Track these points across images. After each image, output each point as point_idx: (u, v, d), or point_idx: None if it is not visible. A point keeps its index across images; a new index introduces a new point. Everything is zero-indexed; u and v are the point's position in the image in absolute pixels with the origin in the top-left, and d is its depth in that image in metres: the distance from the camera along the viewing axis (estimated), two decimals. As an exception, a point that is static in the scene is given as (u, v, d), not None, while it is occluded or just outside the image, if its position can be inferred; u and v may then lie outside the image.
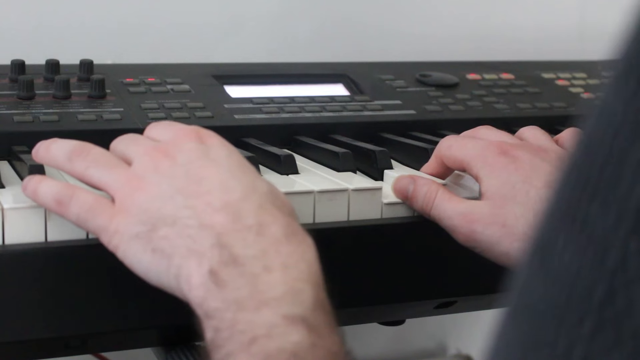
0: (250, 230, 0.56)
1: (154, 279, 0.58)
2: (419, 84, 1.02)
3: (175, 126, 0.65)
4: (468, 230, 0.69)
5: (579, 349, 0.29)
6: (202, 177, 0.59)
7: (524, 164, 0.70)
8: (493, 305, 0.90)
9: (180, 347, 0.73)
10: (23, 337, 0.65)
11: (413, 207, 0.74)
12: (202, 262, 0.55)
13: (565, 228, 0.30)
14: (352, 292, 0.73)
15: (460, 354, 1.50)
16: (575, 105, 1.04)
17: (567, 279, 0.30)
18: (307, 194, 0.71)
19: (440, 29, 1.33)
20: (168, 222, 0.57)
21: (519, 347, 0.31)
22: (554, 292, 0.30)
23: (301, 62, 1.06)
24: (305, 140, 0.88)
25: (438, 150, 0.76)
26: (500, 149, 0.71)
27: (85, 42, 1.14)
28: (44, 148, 0.66)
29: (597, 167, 0.30)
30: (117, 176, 0.61)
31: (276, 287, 0.54)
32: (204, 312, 0.54)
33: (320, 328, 0.53)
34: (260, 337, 0.52)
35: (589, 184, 0.30)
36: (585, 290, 0.29)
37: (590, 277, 0.29)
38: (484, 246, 0.69)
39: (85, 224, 0.61)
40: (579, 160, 0.31)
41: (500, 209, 0.68)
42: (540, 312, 0.31)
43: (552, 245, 0.31)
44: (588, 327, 0.29)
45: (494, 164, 0.70)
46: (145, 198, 0.59)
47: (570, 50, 1.27)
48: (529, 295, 0.31)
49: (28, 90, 0.85)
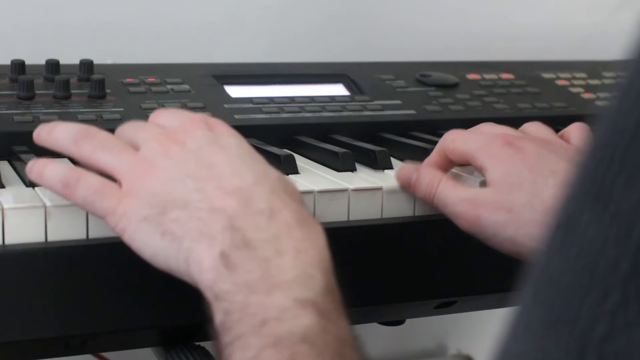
0: (262, 214, 0.56)
1: (161, 263, 0.58)
2: (419, 84, 1.02)
3: (183, 113, 0.65)
4: (473, 215, 0.68)
5: (602, 324, 0.29)
6: (213, 162, 0.59)
7: (529, 154, 0.69)
8: (493, 305, 0.90)
9: (180, 347, 0.73)
10: (23, 337, 0.65)
11: (416, 195, 0.73)
12: (213, 245, 0.55)
13: (589, 205, 0.31)
14: (352, 292, 0.73)
15: (460, 354, 1.50)
16: (575, 105, 1.04)
17: (591, 255, 0.30)
18: (307, 194, 0.71)
19: (440, 29, 1.33)
20: (179, 205, 0.57)
21: (540, 324, 0.31)
22: (577, 268, 0.30)
23: (301, 62, 1.06)
24: (305, 140, 0.88)
25: (441, 144, 0.76)
26: (505, 139, 0.71)
27: (85, 42, 1.14)
28: (46, 131, 0.66)
29: (622, 145, 0.30)
30: (125, 160, 0.61)
31: (288, 271, 0.54)
32: (214, 294, 0.54)
33: (330, 313, 0.53)
34: (271, 319, 0.52)
35: (613, 162, 0.30)
36: (609, 266, 0.29)
37: (614, 252, 0.29)
38: (489, 232, 0.68)
39: (92, 206, 0.60)
40: (603, 138, 0.31)
41: (506, 195, 0.68)
42: (562, 289, 0.31)
43: (575, 222, 0.31)
44: (612, 302, 0.29)
45: (499, 154, 0.70)
46: (154, 182, 0.59)
47: (571, 50, 1.27)
48: (550, 273, 0.32)
49: (28, 90, 0.85)
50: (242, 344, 0.52)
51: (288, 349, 0.51)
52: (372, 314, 0.84)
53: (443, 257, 0.77)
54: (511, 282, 0.60)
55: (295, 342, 0.51)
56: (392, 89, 1.00)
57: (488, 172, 0.70)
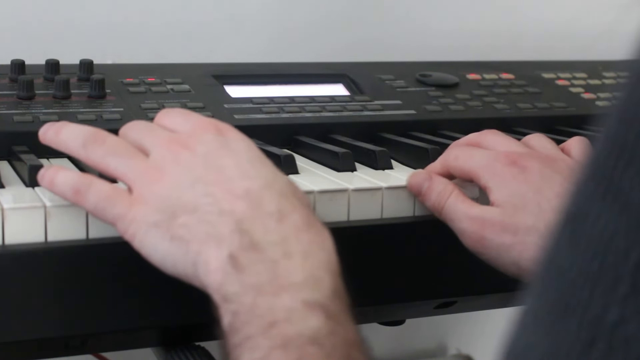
0: (271, 217, 0.57)
1: (170, 268, 0.58)
2: (419, 84, 1.02)
3: (192, 117, 0.65)
4: (478, 235, 0.68)
5: (613, 312, 0.30)
6: (222, 165, 0.59)
7: (533, 174, 0.69)
8: (493, 305, 0.91)
9: (180, 347, 0.73)
10: (23, 337, 0.65)
11: (424, 204, 0.73)
12: (221, 246, 0.55)
13: (599, 197, 0.31)
14: (352, 292, 0.73)
15: (460, 354, 1.50)
16: (575, 105, 1.04)
17: (601, 245, 0.30)
18: (307, 194, 0.71)
19: (440, 29, 1.33)
20: (188, 209, 0.57)
21: (549, 315, 0.32)
22: (587, 258, 0.31)
23: (301, 62, 1.06)
24: (305, 140, 0.88)
25: (444, 161, 0.75)
26: (508, 159, 0.70)
27: (85, 42, 1.14)
28: (53, 131, 0.66)
29: (631, 138, 0.30)
30: (135, 166, 0.61)
31: (296, 274, 0.54)
32: (222, 296, 0.54)
33: (338, 315, 0.53)
34: (280, 321, 0.52)
35: (623, 154, 0.31)
36: (619, 255, 0.30)
37: (624, 242, 0.30)
38: (492, 254, 0.68)
39: (103, 212, 0.60)
40: (612, 131, 0.31)
41: (511, 218, 0.67)
42: (571, 280, 0.31)
43: (584, 214, 0.31)
44: (622, 290, 0.29)
45: (503, 174, 0.69)
46: (164, 188, 0.59)
47: (571, 50, 1.27)
48: (559, 265, 0.32)
49: (28, 90, 0.85)
50: (251, 345, 0.52)
51: (297, 351, 0.51)
52: (372, 314, 0.84)
53: (443, 257, 0.77)
54: (511, 283, 0.60)
55: (303, 344, 0.51)
56: (392, 89, 1.00)
57: (492, 193, 0.69)
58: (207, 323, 0.56)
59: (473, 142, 0.77)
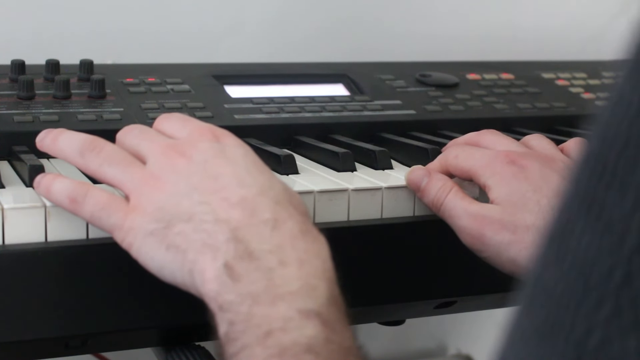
0: (266, 225, 0.57)
1: (167, 276, 0.58)
2: (419, 84, 1.02)
3: (190, 123, 0.65)
4: (477, 233, 0.68)
5: (597, 332, 0.29)
6: (218, 173, 0.59)
7: (533, 173, 0.69)
8: (493, 305, 0.90)
9: (180, 347, 0.73)
10: (23, 337, 0.65)
11: (423, 200, 0.73)
12: (217, 256, 0.55)
13: (582, 215, 0.31)
14: (352, 292, 0.73)
15: (460, 354, 1.50)
16: (575, 105, 1.04)
17: (585, 265, 0.30)
18: (307, 194, 0.71)
19: (440, 29, 1.33)
20: (184, 218, 0.57)
21: (535, 335, 0.32)
22: (571, 278, 0.31)
23: (301, 62, 1.06)
24: (305, 140, 0.88)
25: (444, 159, 0.75)
26: (508, 158, 0.70)
27: (85, 42, 1.14)
28: (50, 138, 0.66)
29: (613, 156, 0.30)
30: (132, 175, 0.61)
31: (292, 282, 0.54)
32: (218, 305, 0.54)
33: (334, 323, 0.53)
34: (276, 330, 0.52)
35: (605, 172, 0.30)
36: (602, 275, 0.30)
37: (607, 261, 0.30)
38: (491, 251, 0.68)
39: (100, 221, 0.61)
40: (595, 149, 0.31)
41: (510, 216, 0.67)
42: (557, 299, 0.31)
43: (568, 232, 0.31)
44: (606, 311, 0.29)
45: (502, 173, 0.69)
46: (161, 196, 0.59)
47: (570, 50, 1.27)
48: (545, 283, 0.32)
49: (28, 90, 0.85)
50: (248, 354, 0.52)
51: (293, 359, 0.51)
52: (372, 314, 0.84)
53: (443, 257, 0.77)
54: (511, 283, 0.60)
55: (300, 353, 0.51)
56: (392, 89, 1.00)
57: (492, 191, 0.70)
58: (207, 323, 0.56)
59: (472, 142, 0.77)
